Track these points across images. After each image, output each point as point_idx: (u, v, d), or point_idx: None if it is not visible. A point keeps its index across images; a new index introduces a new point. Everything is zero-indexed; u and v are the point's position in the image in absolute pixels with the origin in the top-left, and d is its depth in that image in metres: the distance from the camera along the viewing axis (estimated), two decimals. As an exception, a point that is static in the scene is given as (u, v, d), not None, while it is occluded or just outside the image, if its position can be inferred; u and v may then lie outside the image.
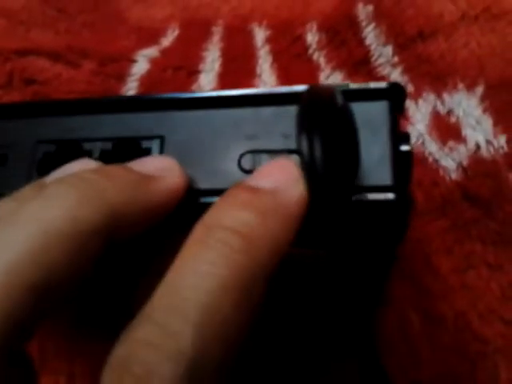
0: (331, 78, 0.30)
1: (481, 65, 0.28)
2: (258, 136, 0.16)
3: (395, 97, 0.16)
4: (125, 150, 0.17)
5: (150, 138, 0.17)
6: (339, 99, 0.14)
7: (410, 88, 0.29)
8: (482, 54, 0.28)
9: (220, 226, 0.13)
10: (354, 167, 0.15)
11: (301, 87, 0.16)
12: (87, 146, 0.17)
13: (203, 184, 0.16)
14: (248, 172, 0.16)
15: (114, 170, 0.15)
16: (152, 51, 0.32)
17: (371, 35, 0.30)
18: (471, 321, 0.25)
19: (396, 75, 0.30)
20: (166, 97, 0.17)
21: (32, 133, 0.18)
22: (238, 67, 0.31)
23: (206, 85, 0.31)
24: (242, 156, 0.16)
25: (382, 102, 0.16)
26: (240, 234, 0.13)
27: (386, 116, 0.16)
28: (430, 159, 0.27)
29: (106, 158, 0.17)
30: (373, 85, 0.16)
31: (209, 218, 0.14)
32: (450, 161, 0.27)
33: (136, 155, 0.16)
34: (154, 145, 0.17)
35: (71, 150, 0.17)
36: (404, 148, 0.16)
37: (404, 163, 0.16)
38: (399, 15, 0.30)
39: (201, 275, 0.12)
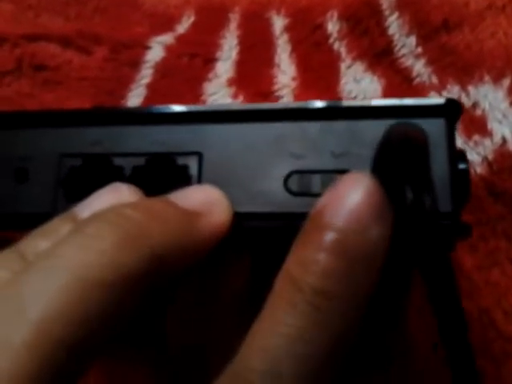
0: (352, 68, 0.29)
1: (508, 56, 0.27)
2: (305, 154, 0.15)
3: (452, 114, 0.15)
4: (159, 166, 0.16)
5: (187, 154, 0.16)
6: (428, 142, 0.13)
7: (433, 80, 0.28)
8: (509, 44, 0.28)
9: (310, 287, 0.12)
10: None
11: (351, 102, 0.15)
12: (118, 161, 0.16)
13: (246, 207, 0.15)
14: (296, 194, 0.15)
15: (158, 206, 0.14)
16: (167, 38, 0.31)
17: (394, 25, 0.29)
18: (495, 318, 0.25)
19: (419, 66, 0.29)
20: (203, 109, 0.16)
21: (55, 145, 0.16)
22: (255, 56, 0.30)
23: (223, 73, 0.30)
24: (288, 176, 0.15)
25: (440, 120, 0.15)
26: (331, 296, 0.12)
27: (443, 135, 0.15)
28: (455, 153, 0.27)
29: (139, 174, 0.15)
30: (429, 101, 0.15)
31: (295, 270, 0.13)
32: (474, 155, 0.27)
33: (171, 172, 0.15)
34: (191, 162, 0.15)
35: (100, 165, 0.16)
36: (462, 166, 0.15)
37: (462, 183, 0.15)
38: (423, 4, 0.29)
39: (293, 341, 0.12)
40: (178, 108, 0.16)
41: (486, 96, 0.27)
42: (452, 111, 0.15)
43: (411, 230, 0.13)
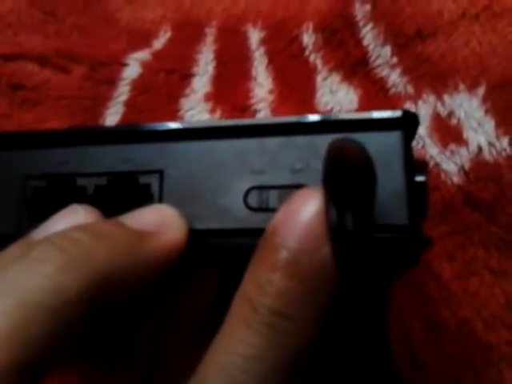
0: (329, 79, 0.29)
1: (482, 64, 0.27)
2: (264, 170, 0.15)
3: (409, 126, 0.15)
4: (121, 185, 0.16)
5: (149, 172, 0.16)
6: (368, 159, 0.13)
7: (409, 89, 0.28)
8: (483, 53, 0.28)
9: (266, 308, 0.13)
10: (371, 213, 0.14)
11: (310, 117, 0.15)
12: (81, 181, 0.16)
13: (208, 223, 0.15)
14: (254, 210, 0.15)
15: (106, 227, 0.14)
16: (144, 54, 0.31)
17: (369, 35, 0.29)
18: (475, 328, 0.25)
19: (395, 76, 0.29)
20: (164, 127, 0.16)
21: (19, 166, 0.16)
22: (232, 70, 0.30)
23: (200, 88, 0.30)
24: (247, 192, 0.15)
25: (396, 132, 0.15)
26: (287, 317, 0.12)
27: (400, 147, 0.15)
28: (431, 163, 0.27)
29: (101, 194, 0.16)
30: (386, 114, 0.15)
31: (251, 290, 0.13)
32: (451, 164, 0.27)
33: (133, 191, 0.15)
34: (153, 180, 0.16)
35: (63, 186, 0.16)
36: (419, 179, 0.15)
37: (420, 195, 0.15)
38: (397, 14, 0.29)
39: (251, 359, 0.12)
40: (140, 127, 0.16)
41: (461, 105, 0.27)
42: (409, 123, 0.15)
43: (337, 252, 0.13)
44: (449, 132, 0.27)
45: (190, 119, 0.29)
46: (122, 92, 0.30)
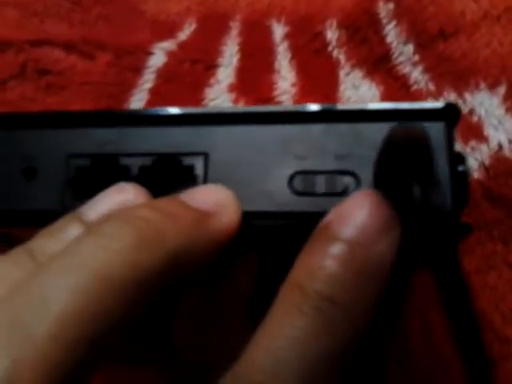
0: (351, 74, 0.30)
1: (503, 64, 0.28)
2: (308, 156, 0.15)
3: (451, 117, 0.16)
4: (165, 166, 0.16)
5: (193, 154, 0.16)
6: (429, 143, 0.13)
7: (430, 87, 0.29)
8: (504, 53, 0.28)
9: (316, 292, 0.13)
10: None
11: (352, 105, 0.15)
12: (124, 161, 0.16)
13: (251, 206, 0.15)
14: (300, 194, 0.15)
15: (172, 206, 0.14)
16: (169, 44, 0.32)
17: (392, 33, 0.30)
18: (493, 321, 0.25)
19: (417, 74, 0.29)
20: (210, 111, 0.16)
21: (63, 145, 0.16)
22: (256, 62, 0.31)
23: (224, 79, 0.30)
24: (292, 177, 0.15)
25: (439, 123, 0.15)
26: (337, 303, 0.12)
27: (443, 138, 0.15)
28: (452, 158, 0.27)
29: (145, 174, 0.16)
30: (429, 105, 0.15)
31: (301, 276, 0.13)
32: (471, 160, 0.27)
33: (177, 172, 0.16)
34: (197, 162, 0.16)
35: (107, 165, 0.16)
36: (461, 169, 0.15)
37: (462, 185, 0.15)
38: (420, 13, 0.30)
39: (299, 343, 0.12)
40: (185, 110, 0.16)
41: (481, 103, 0.28)
42: (451, 115, 0.16)
43: (420, 227, 0.13)
44: (469, 129, 0.28)
45: (214, 108, 0.30)
46: (147, 79, 0.31)
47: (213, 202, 0.14)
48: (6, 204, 0.16)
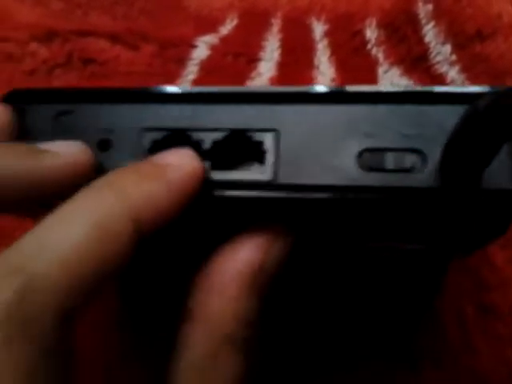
0: (390, 72, 0.31)
1: (539, 66, 0.29)
2: (376, 134, 0.16)
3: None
4: (236, 141, 0.16)
5: (263, 130, 0.16)
6: None
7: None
8: (540, 55, 0.29)
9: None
10: None
11: (418, 88, 0.16)
12: (197, 135, 0.17)
13: (319, 180, 0.16)
14: (369, 170, 0.16)
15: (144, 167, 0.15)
16: (211, 38, 0.33)
17: (430, 33, 0.31)
18: (526, 312, 0.26)
19: (453, 73, 0.30)
20: (280, 90, 0.17)
21: (138, 119, 0.17)
22: (296, 58, 0.32)
23: (266, 72, 0.31)
24: (361, 154, 0.16)
25: None
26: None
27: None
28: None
29: (217, 149, 0.16)
30: (497, 88, 0.16)
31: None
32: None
33: (248, 148, 0.16)
34: (267, 138, 0.16)
35: (181, 139, 0.17)
36: None
37: None
38: (459, 15, 0.31)
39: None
40: (256, 89, 0.17)
41: (517, 102, 0.29)
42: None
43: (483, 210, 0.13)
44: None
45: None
46: (191, 71, 0.32)
47: (173, 157, 0.16)
48: None
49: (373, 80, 0.31)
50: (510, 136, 0.13)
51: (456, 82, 0.30)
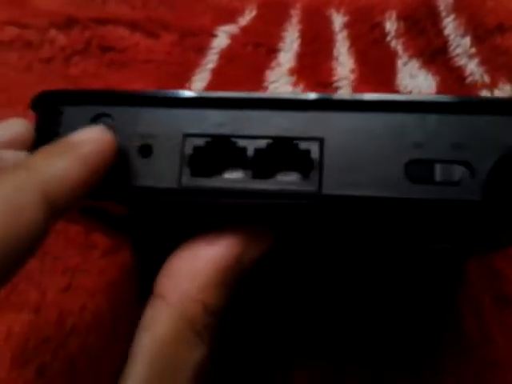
0: (409, 64, 0.31)
1: (559, 59, 0.29)
2: (425, 144, 0.15)
3: None
4: (281, 150, 0.16)
5: (309, 139, 0.16)
6: None
7: (485, 79, 0.30)
8: (560, 49, 0.29)
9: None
10: None
11: (467, 97, 0.15)
12: (241, 142, 0.16)
13: (365, 191, 0.15)
14: (416, 182, 0.15)
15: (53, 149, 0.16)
16: (231, 28, 0.33)
17: (450, 26, 0.31)
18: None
19: (472, 66, 0.30)
20: (326, 97, 0.16)
21: (181, 125, 0.17)
22: (316, 48, 0.32)
23: (285, 63, 0.31)
24: (408, 164, 0.15)
25: None
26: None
27: None
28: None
29: (261, 156, 0.16)
30: None
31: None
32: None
33: (292, 156, 0.16)
34: (313, 147, 0.16)
35: (224, 146, 0.16)
36: None
37: None
38: (479, 8, 0.31)
39: None
40: (301, 96, 0.16)
41: (537, 96, 0.29)
42: None
43: None
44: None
45: (274, 91, 0.31)
46: (211, 60, 0.32)
47: (84, 133, 0.16)
48: (120, 179, 0.16)
49: (392, 71, 0.31)
50: None
51: (475, 75, 0.30)
